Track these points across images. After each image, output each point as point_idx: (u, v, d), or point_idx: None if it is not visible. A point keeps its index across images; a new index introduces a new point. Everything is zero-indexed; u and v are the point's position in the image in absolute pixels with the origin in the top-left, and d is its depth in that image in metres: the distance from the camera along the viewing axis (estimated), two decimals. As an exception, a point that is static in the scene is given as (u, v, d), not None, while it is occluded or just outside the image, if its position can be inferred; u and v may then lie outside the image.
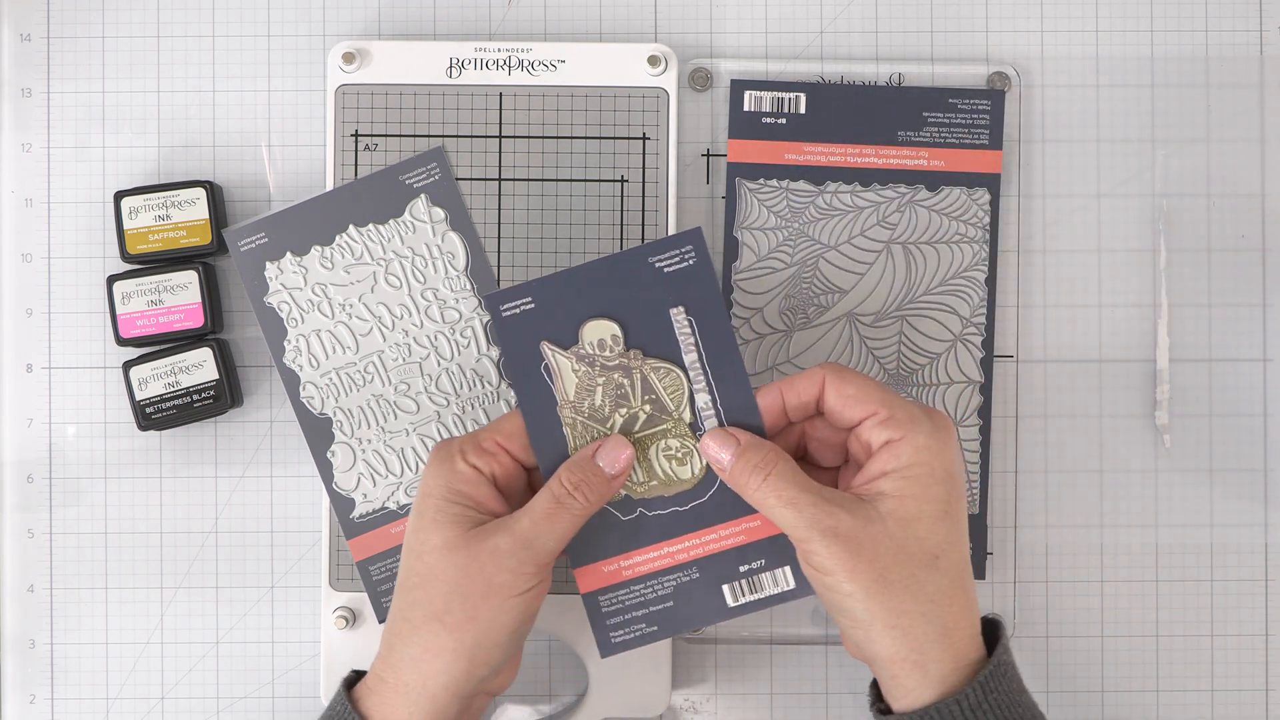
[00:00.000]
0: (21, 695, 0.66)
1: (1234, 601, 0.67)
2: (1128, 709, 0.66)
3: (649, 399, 0.56)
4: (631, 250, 0.56)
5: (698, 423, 0.56)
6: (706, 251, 0.56)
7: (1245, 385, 0.67)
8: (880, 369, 0.65)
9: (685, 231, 0.56)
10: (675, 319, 0.56)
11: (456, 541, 0.53)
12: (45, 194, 0.66)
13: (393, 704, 0.53)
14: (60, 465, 0.66)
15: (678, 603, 0.57)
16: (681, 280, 0.56)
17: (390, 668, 0.54)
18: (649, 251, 0.56)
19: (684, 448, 0.57)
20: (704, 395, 0.56)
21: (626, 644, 0.57)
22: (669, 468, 0.57)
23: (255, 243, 0.64)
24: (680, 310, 0.56)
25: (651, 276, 0.56)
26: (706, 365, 0.56)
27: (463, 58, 0.65)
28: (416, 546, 0.54)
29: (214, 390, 0.64)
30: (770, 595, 0.57)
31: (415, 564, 0.54)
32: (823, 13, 0.67)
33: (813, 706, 0.66)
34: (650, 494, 0.57)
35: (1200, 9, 0.67)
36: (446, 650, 0.53)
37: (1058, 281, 0.67)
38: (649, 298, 0.56)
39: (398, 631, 0.54)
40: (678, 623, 0.57)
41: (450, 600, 0.53)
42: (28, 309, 0.66)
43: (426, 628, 0.53)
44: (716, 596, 0.57)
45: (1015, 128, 0.67)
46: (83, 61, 0.67)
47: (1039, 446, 0.67)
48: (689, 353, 0.56)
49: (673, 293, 0.56)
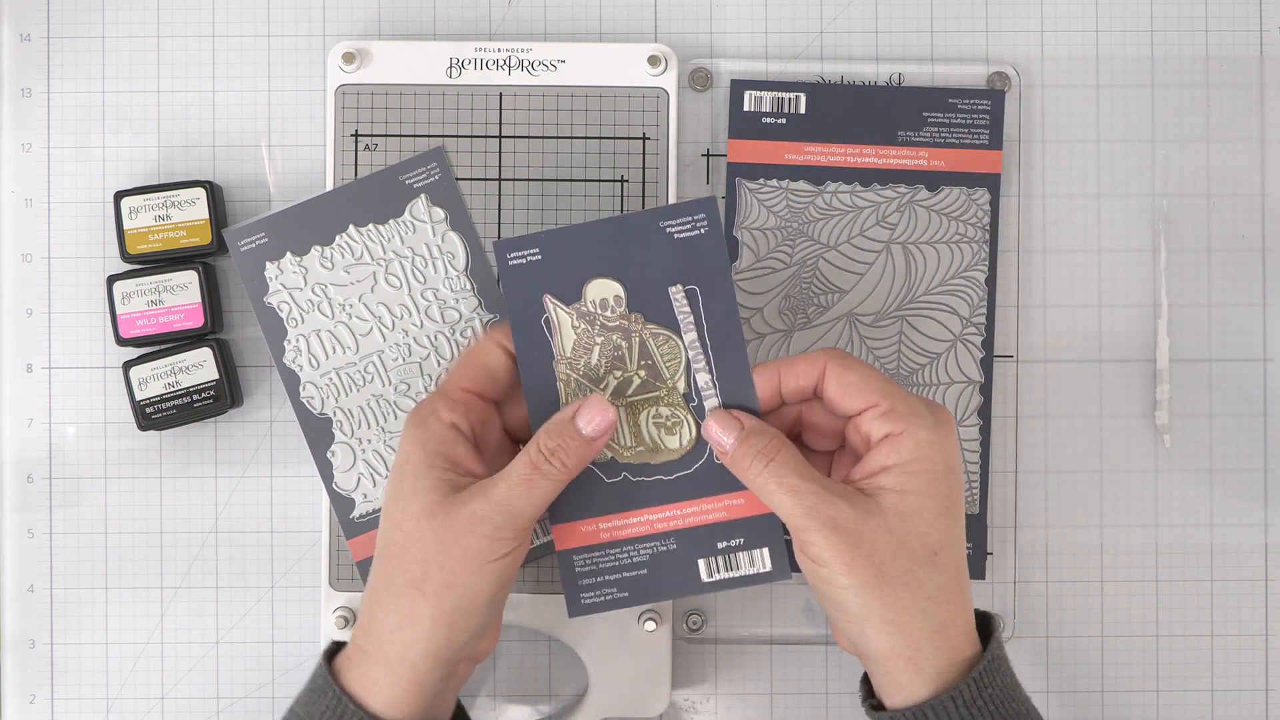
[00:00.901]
0: (21, 695, 0.66)
1: (1234, 601, 0.67)
2: (1128, 709, 0.66)
3: (645, 364, 0.56)
4: (644, 212, 0.56)
5: (693, 395, 0.56)
6: (719, 220, 0.56)
7: (1245, 385, 0.67)
8: (880, 369, 0.65)
9: (700, 199, 0.56)
10: (674, 298, 0.56)
11: (434, 508, 0.53)
12: (45, 194, 0.66)
13: (373, 674, 0.53)
14: (60, 465, 0.66)
15: (652, 571, 0.57)
16: (691, 248, 0.56)
17: (369, 637, 0.54)
18: (661, 215, 0.56)
19: (674, 417, 0.56)
20: (704, 374, 0.56)
21: (595, 607, 0.57)
22: (657, 435, 0.57)
23: (255, 243, 0.64)
24: (679, 288, 0.56)
25: (660, 241, 0.56)
26: (707, 340, 0.56)
27: (463, 58, 0.65)
28: (395, 514, 0.54)
29: (214, 390, 0.64)
30: (745, 575, 0.56)
31: (393, 532, 0.53)
32: (823, 13, 0.67)
33: (813, 706, 0.66)
34: (636, 459, 0.57)
35: (1200, 9, 0.67)
36: (425, 618, 0.52)
37: (1058, 281, 0.67)
38: (655, 262, 0.56)
39: (377, 600, 0.54)
40: (649, 591, 0.57)
41: (428, 567, 0.52)
42: (28, 309, 0.66)
43: (404, 595, 0.53)
44: (691, 570, 0.57)
45: (1015, 128, 0.67)
46: (83, 61, 0.67)
47: (1039, 446, 0.67)
48: (688, 331, 0.56)
49: (681, 261, 0.56)
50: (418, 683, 0.53)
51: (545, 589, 0.64)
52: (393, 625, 0.53)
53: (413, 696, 0.53)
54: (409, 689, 0.53)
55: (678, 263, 0.56)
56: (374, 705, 0.53)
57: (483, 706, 0.66)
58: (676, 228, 0.56)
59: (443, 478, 0.53)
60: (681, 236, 0.56)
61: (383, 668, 0.53)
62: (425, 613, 0.52)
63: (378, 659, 0.53)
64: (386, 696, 0.53)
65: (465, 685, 0.66)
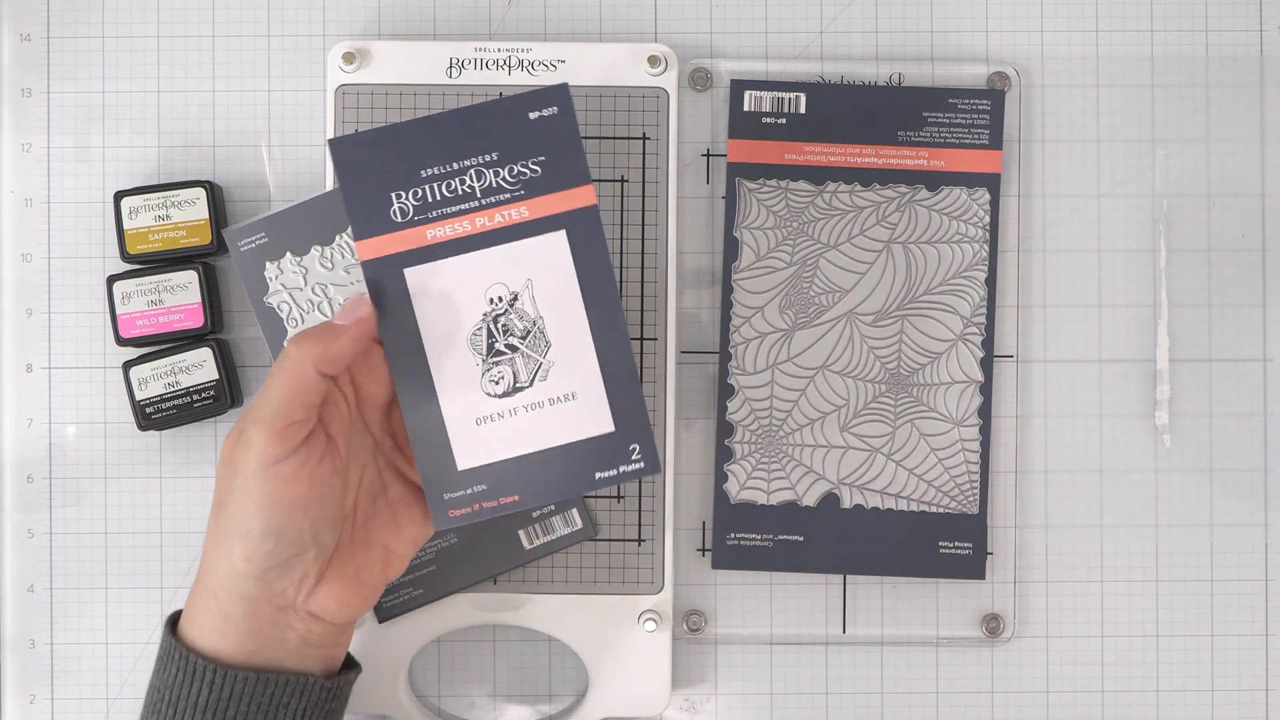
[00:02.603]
0: (21, 695, 0.66)
1: (1234, 601, 0.67)
2: (1128, 709, 0.66)
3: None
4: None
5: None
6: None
7: (1245, 385, 0.67)
8: (881, 369, 0.65)
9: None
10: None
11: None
12: (45, 194, 0.66)
13: (191, 608, 0.53)
14: (60, 465, 0.66)
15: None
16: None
17: (194, 583, 0.54)
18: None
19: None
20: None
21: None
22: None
23: (255, 243, 0.64)
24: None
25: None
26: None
27: (463, 58, 0.65)
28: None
29: (214, 390, 0.64)
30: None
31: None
32: (823, 13, 0.67)
33: (813, 706, 0.66)
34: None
35: (1200, 9, 0.67)
36: (210, 542, 0.52)
37: (1058, 281, 0.67)
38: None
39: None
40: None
41: (217, 492, 0.52)
42: (28, 309, 0.66)
43: (208, 531, 0.53)
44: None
45: (1015, 128, 0.67)
46: (83, 61, 0.67)
47: (1039, 446, 0.67)
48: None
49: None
50: (223, 614, 0.52)
51: (545, 589, 0.64)
52: (202, 562, 0.53)
53: (223, 628, 0.52)
54: (217, 619, 0.52)
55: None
56: (190, 634, 0.53)
57: (483, 707, 0.66)
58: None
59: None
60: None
61: (194, 599, 0.53)
62: (210, 536, 0.52)
63: (192, 599, 0.53)
64: (200, 623, 0.53)
65: (464, 685, 0.66)
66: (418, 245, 0.55)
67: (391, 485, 0.57)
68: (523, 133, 0.56)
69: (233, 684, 0.52)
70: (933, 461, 0.65)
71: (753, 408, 0.65)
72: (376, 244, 0.55)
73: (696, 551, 0.66)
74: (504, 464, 0.56)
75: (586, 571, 0.65)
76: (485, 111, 0.56)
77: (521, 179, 0.56)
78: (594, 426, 0.56)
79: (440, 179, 0.56)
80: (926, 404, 0.65)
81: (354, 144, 0.55)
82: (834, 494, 0.65)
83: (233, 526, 0.51)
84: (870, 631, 0.66)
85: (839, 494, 0.65)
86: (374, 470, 0.56)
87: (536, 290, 0.56)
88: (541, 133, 0.56)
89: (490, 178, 0.56)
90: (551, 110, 0.56)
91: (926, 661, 0.66)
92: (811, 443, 0.65)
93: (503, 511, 0.56)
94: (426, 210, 0.55)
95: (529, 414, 0.56)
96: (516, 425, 0.56)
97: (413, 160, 0.55)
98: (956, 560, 0.65)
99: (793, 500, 0.65)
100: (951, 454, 0.65)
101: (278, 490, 0.51)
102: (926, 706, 0.66)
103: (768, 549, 0.65)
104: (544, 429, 0.56)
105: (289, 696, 0.53)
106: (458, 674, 0.66)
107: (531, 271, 0.56)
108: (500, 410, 0.56)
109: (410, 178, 0.55)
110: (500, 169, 0.56)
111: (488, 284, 0.56)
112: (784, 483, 0.65)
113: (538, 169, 0.56)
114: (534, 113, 0.56)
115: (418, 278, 0.55)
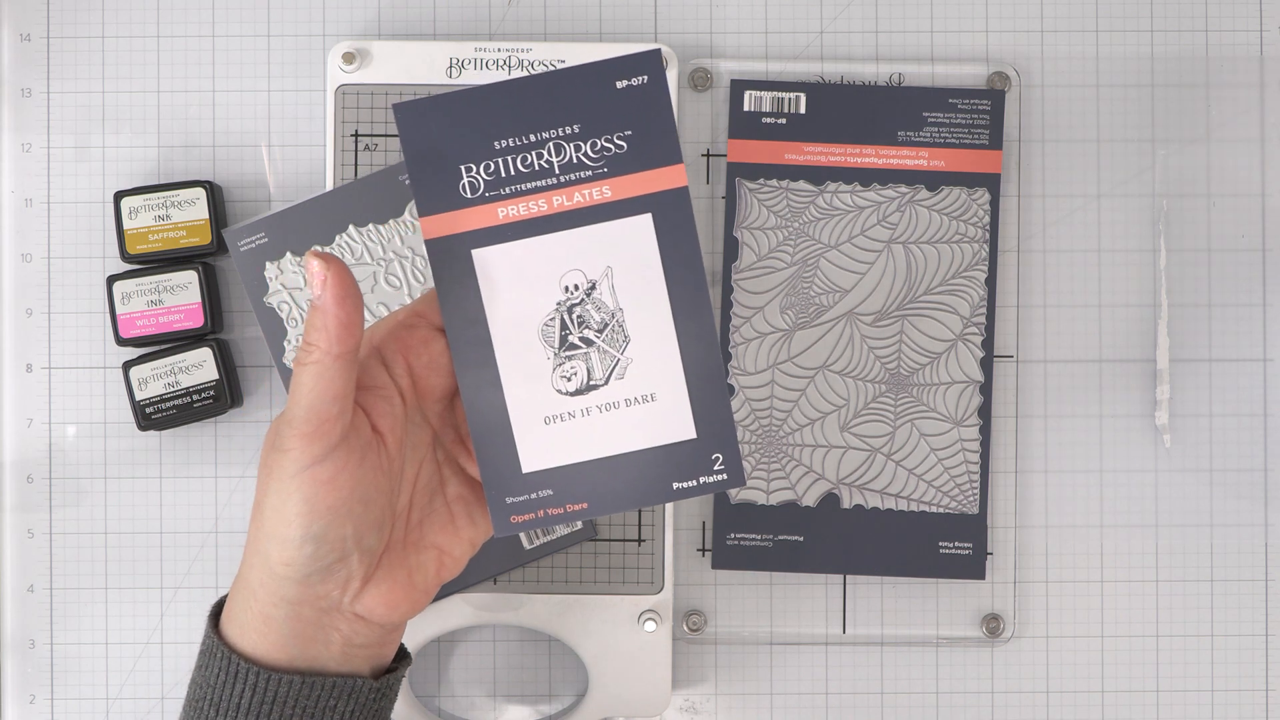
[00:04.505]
0: (21, 695, 0.66)
1: (1234, 601, 0.67)
2: (1128, 709, 0.66)
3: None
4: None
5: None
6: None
7: (1245, 385, 0.67)
8: (881, 369, 0.65)
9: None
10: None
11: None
12: (45, 194, 0.66)
13: (232, 608, 0.51)
14: (60, 465, 0.66)
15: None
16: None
17: (236, 579, 0.51)
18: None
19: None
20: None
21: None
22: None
23: (255, 243, 0.64)
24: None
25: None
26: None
27: (463, 58, 0.65)
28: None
29: (214, 390, 0.64)
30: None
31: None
32: (823, 13, 0.67)
33: (813, 706, 0.66)
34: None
35: (1200, 9, 0.67)
36: (250, 545, 0.50)
37: (1058, 281, 0.67)
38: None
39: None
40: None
41: (257, 493, 0.49)
42: (28, 309, 0.66)
43: (250, 529, 0.50)
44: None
45: (1015, 128, 0.67)
46: (83, 61, 0.67)
47: (1039, 446, 0.67)
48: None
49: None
50: (264, 615, 0.49)
51: (545, 589, 0.64)
52: (244, 555, 0.51)
53: (264, 630, 0.50)
54: (258, 620, 0.50)
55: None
56: (231, 633, 0.50)
57: (483, 707, 0.66)
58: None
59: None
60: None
61: (235, 597, 0.51)
62: (251, 537, 0.49)
63: (233, 598, 0.51)
64: (241, 622, 0.50)
65: (464, 685, 0.66)
66: (488, 224, 0.50)
67: (450, 482, 0.52)
68: (608, 103, 0.49)
69: (276, 687, 0.50)
70: (933, 461, 0.65)
71: (753, 408, 0.65)
72: (442, 221, 0.50)
73: (696, 551, 0.66)
74: (572, 468, 0.50)
75: (586, 571, 0.65)
76: (568, 78, 0.49)
77: (605, 155, 0.50)
78: (674, 432, 0.50)
79: (515, 151, 0.50)
80: (926, 404, 0.65)
81: (421, 109, 0.49)
82: (834, 494, 0.65)
83: (270, 530, 0.48)
84: (870, 631, 0.66)
85: (839, 494, 0.65)
86: (432, 465, 0.52)
87: (617, 279, 0.50)
88: (629, 104, 0.49)
89: (570, 152, 0.50)
90: (641, 79, 0.49)
91: (926, 661, 0.66)
92: (811, 443, 0.65)
93: (569, 520, 0.51)
94: (499, 186, 0.50)
95: (602, 415, 0.50)
96: (588, 426, 0.50)
97: (486, 130, 0.49)
98: (956, 560, 0.65)
99: (793, 500, 0.65)
100: (951, 454, 0.65)
101: (315, 495, 0.47)
102: (926, 707, 0.66)
103: (768, 549, 0.65)
104: (618, 432, 0.50)
105: (336, 700, 0.50)
106: (457, 674, 0.66)
107: (612, 258, 0.50)
108: (571, 409, 0.50)
109: (483, 149, 0.49)
110: (582, 143, 0.50)
111: (563, 270, 0.50)
112: (784, 483, 0.65)
113: (623, 144, 0.50)
114: (622, 81, 0.49)
115: (486, 260, 0.50)
